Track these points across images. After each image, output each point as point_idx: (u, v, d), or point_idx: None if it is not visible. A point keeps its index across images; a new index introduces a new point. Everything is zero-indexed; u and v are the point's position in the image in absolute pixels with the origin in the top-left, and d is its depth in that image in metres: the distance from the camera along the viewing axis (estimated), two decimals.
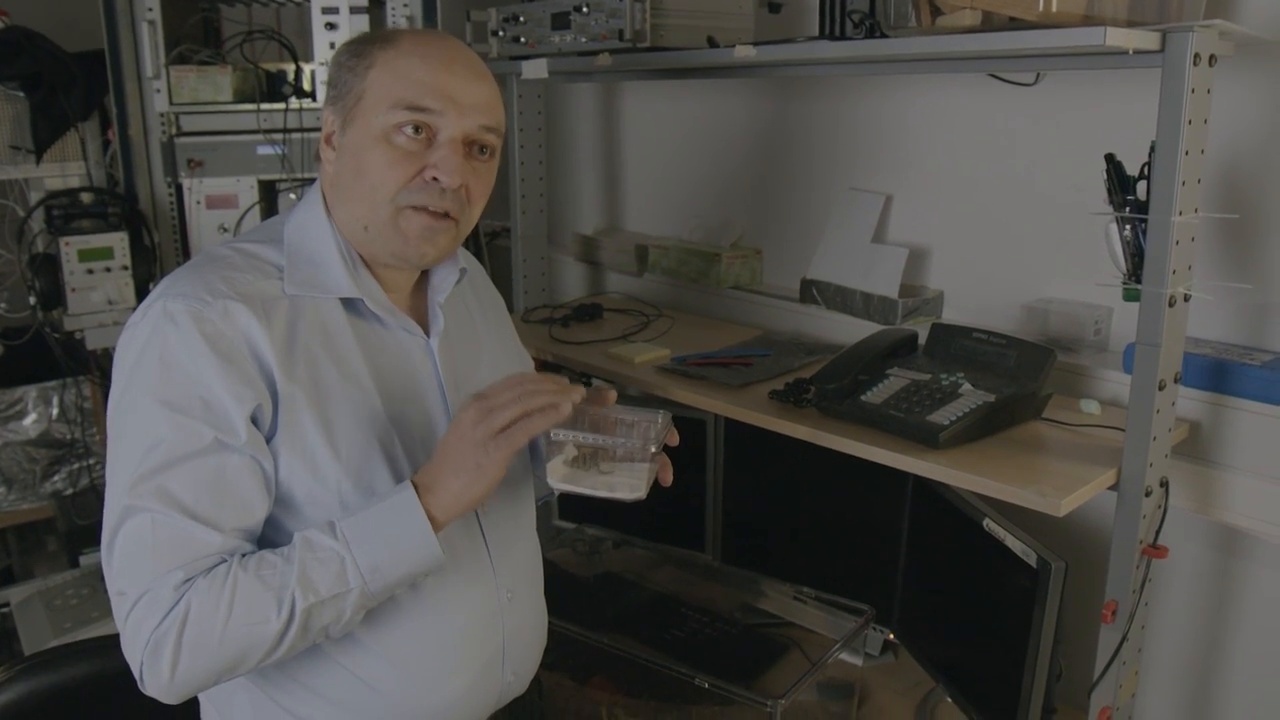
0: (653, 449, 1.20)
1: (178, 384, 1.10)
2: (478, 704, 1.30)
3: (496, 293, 1.53)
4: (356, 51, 1.22)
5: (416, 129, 1.18)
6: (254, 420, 1.13)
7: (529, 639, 1.38)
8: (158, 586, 1.08)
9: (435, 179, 1.18)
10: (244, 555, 1.12)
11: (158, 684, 1.09)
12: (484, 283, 1.51)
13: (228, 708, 1.26)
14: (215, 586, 1.08)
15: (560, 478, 1.21)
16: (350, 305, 1.23)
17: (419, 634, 1.21)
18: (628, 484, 1.19)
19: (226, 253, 1.22)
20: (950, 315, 1.95)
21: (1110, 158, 1.38)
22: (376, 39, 1.23)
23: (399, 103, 1.17)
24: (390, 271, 1.27)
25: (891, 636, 1.90)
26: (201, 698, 1.30)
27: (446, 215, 1.21)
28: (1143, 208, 1.33)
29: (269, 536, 1.18)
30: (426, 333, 1.29)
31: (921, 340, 1.72)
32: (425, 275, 1.34)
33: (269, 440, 1.14)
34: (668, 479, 1.24)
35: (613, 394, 1.24)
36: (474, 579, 1.26)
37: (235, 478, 1.11)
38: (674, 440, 1.25)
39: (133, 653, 1.09)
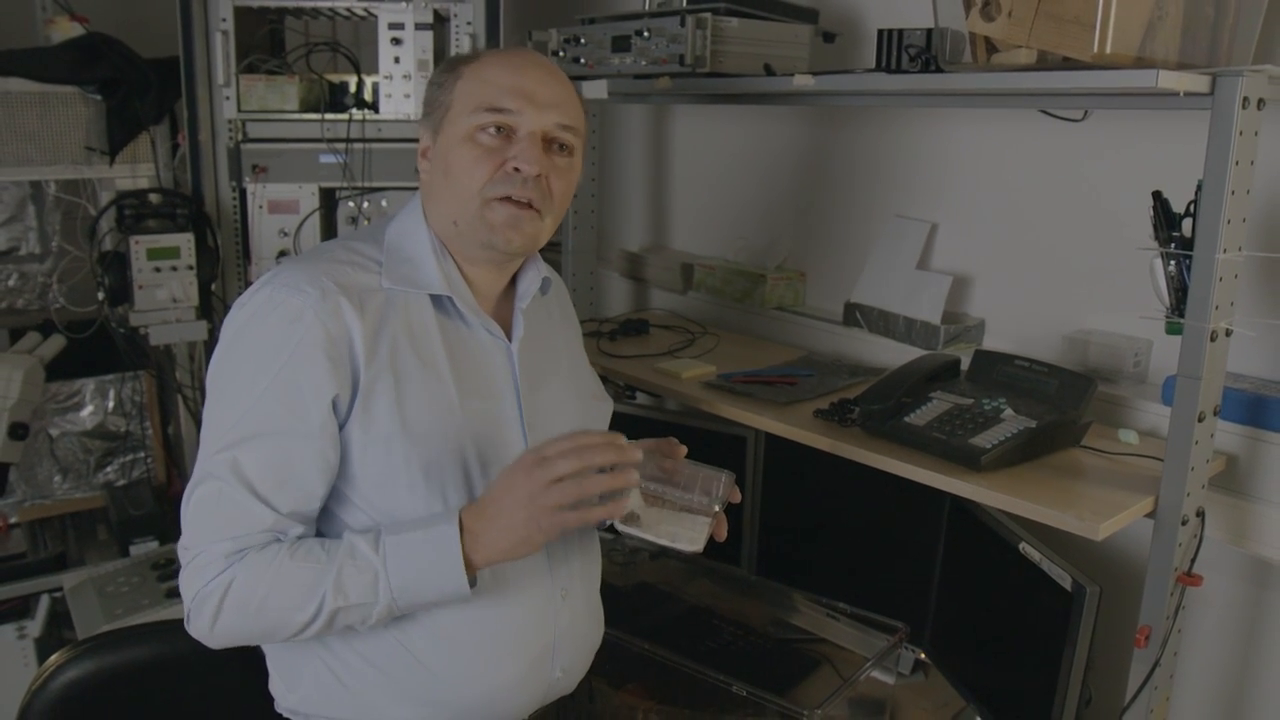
0: (717, 507, 1.26)
1: (267, 367, 1.19)
2: (525, 696, 1.35)
3: (574, 314, 1.60)
4: (445, 69, 1.33)
5: (498, 128, 1.27)
6: (333, 409, 1.20)
7: (581, 638, 1.43)
8: (211, 550, 1.18)
9: (516, 169, 1.26)
10: (298, 540, 1.20)
11: (199, 631, 1.21)
12: (567, 301, 1.57)
13: (294, 679, 1.33)
14: (262, 565, 1.17)
15: (624, 521, 1.26)
16: (439, 303, 1.30)
17: (475, 620, 1.27)
18: (688, 536, 1.25)
19: (333, 247, 1.32)
20: (991, 343, 1.99)
21: (1157, 195, 1.42)
22: (463, 57, 1.34)
23: (480, 105, 1.27)
24: (480, 271, 1.34)
25: (923, 656, 1.93)
26: (270, 668, 1.38)
27: (530, 205, 1.28)
28: (1188, 244, 1.37)
29: (334, 511, 1.26)
30: (509, 337, 1.36)
31: (964, 366, 1.76)
32: (512, 284, 1.41)
33: (345, 425, 1.22)
34: (722, 534, 1.30)
35: (682, 449, 1.30)
36: (531, 574, 1.32)
37: (300, 465, 1.20)
38: (736, 498, 1.31)
39: (185, 598, 1.20)
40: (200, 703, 1.53)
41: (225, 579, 1.17)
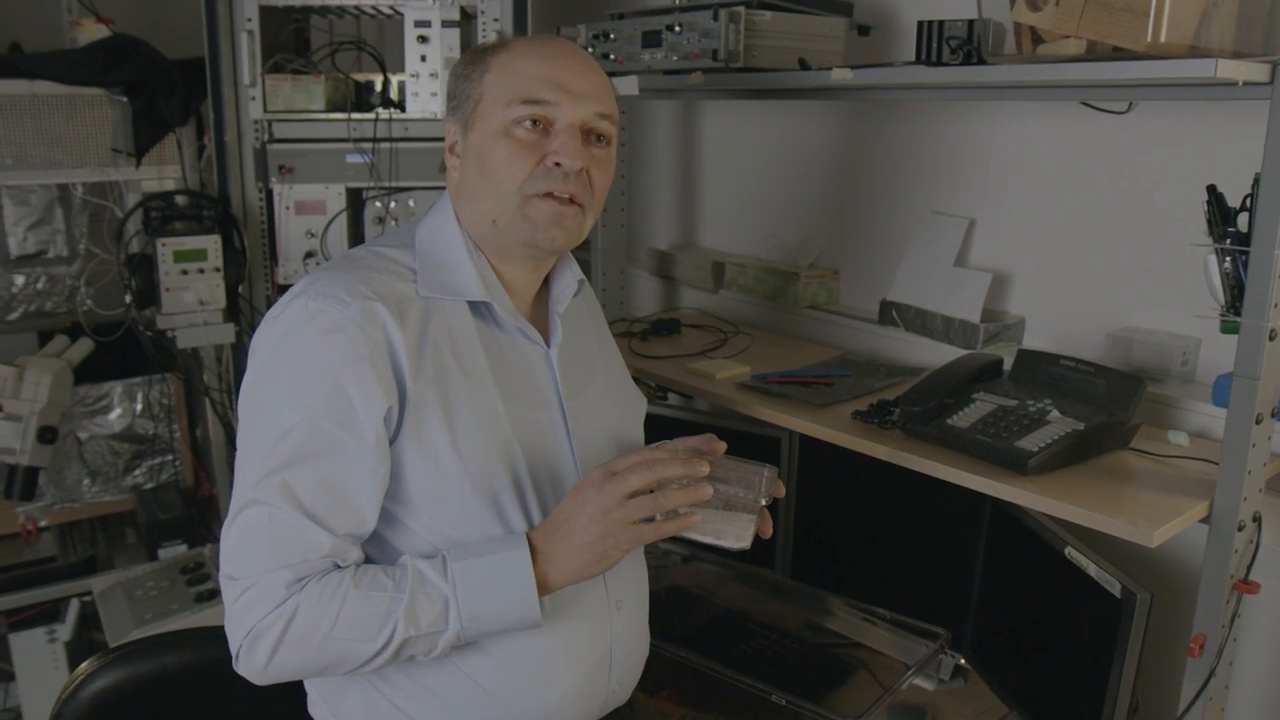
0: (763, 502, 1.22)
1: (311, 382, 1.14)
2: (582, 710, 1.32)
3: (602, 313, 1.56)
4: (472, 60, 1.27)
5: (534, 122, 1.22)
6: (383, 422, 1.16)
7: (633, 649, 1.40)
8: (268, 580, 1.12)
9: (558, 164, 1.22)
10: (357, 567, 1.16)
11: (251, 668, 1.14)
12: (594, 300, 1.54)
13: (338, 701, 1.29)
14: (326, 595, 1.12)
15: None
16: (476, 310, 1.26)
17: (530, 636, 1.23)
18: (734, 533, 1.22)
19: (363, 254, 1.27)
20: (1031, 342, 1.95)
21: (1212, 189, 1.38)
22: (490, 46, 1.28)
23: (516, 97, 1.22)
24: (516, 271, 1.30)
25: (963, 661, 1.89)
26: (310, 690, 1.34)
27: (572, 200, 1.24)
28: (1244, 240, 1.32)
29: (383, 534, 1.21)
30: (546, 342, 1.32)
31: (1006, 366, 1.72)
32: (546, 286, 1.37)
33: (394, 440, 1.18)
34: (767, 531, 1.26)
35: (722, 445, 1.26)
36: (586, 585, 1.27)
37: (354, 484, 1.15)
38: (780, 492, 1.26)
39: (234, 635, 1.14)
40: (233, 713, 1.51)
41: (287, 610, 1.11)
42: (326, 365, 1.14)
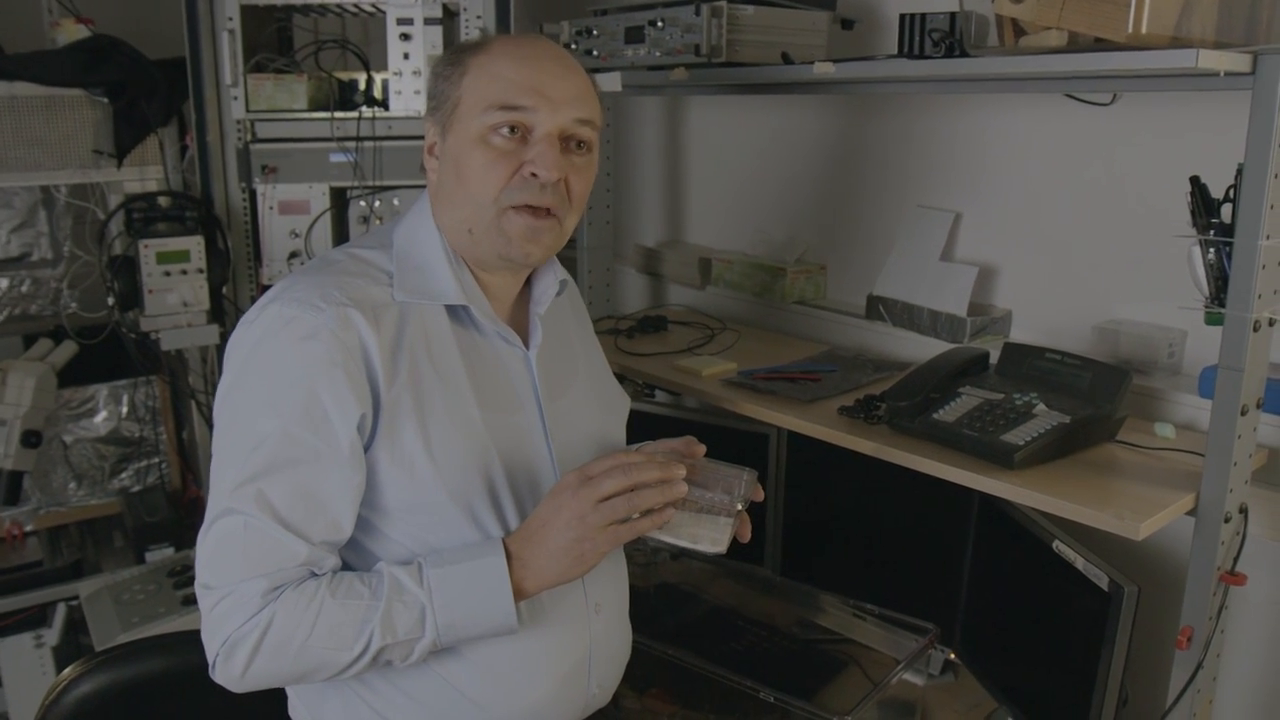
0: (739, 506, 1.22)
1: (285, 389, 1.13)
2: (563, 713, 1.31)
3: (585, 310, 1.55)
4: (451, 60, 1.25)
5: (512, 129, 1.20)
6: (357, 430, 1.14)
7: (614, 652, 1.38)
8: (244, 589, 1.11)
9: (534, 175, 1.20)
10: (332, 575, 1.15)
11: (228, 676, 1.13)
12: (578, 297, 1.52)
13: (318, 706, 1.28)
14: (301, 604, 1.11)
15: None
16: (454, 313, 1.25)
17: (509, 641, 1.22)
18: (710, 537, 1.21)
19: (340, 257, 1.25)
20: (1018, 335, 1.94)
21: (1195, 180, 1.37)
22: (470, 46, 1.26)
23: (493, 103, 1.19)
24: (495, 277, 1.29)
25: (953, 656, 1.89)
26: (291, 695, 1.33)
27: (549, 212, 1.22)
28: (1228, 231, 1.32)
29: (359, 540, 1.20)
30: (526, 344, 1.30)
31: (993, 360, 1.71)
32: (527, 287, 1.35)
33: (368, 447, 1.16)
34: (746, 535, 1.25)
35: (702, 447, 1.26)
36: (565, 590, 1.26)
37: (330, 492, 1.14)
38: (759, 497, 1.26)
39: (210, 643, 1.13)
40: (216, 717, 1.50)
41: (263, 619, 1.10)
42: (301, 373, 1.13)
